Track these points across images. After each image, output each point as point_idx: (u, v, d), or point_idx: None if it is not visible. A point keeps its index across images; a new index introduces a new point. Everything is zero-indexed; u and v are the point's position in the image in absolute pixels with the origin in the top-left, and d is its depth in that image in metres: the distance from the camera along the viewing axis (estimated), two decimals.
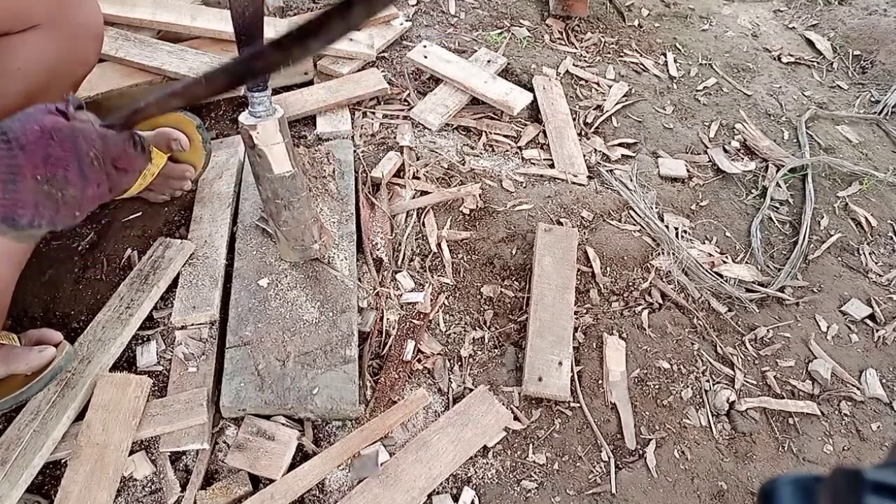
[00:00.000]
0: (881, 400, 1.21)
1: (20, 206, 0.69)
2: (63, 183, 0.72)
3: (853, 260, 1.46)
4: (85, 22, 1.02)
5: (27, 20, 0.95)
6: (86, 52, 1.04)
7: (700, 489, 1.06)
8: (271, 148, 0.95)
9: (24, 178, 0.69)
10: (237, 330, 1.08)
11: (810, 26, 2.17)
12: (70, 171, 0.73)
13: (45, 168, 0.70)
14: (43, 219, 0.71)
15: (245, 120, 0.93)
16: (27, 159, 0.69)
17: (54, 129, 0.72)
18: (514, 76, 1.70)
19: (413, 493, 0.96)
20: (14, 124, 0.70)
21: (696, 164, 1.61)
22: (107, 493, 0.91)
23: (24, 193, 0.69)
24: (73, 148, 0.73)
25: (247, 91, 0.92)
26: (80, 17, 1.01)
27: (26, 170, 0.69)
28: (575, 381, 1.13)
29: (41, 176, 0.70)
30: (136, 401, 0.98)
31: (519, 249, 1.31)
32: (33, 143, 0.70)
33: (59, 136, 0.72)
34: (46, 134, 0.71)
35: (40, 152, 0.70)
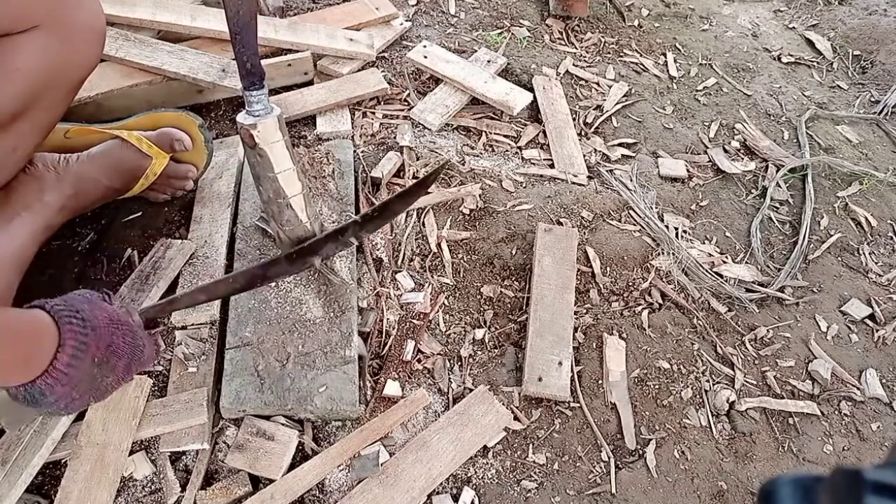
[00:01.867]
0: (881, 400, 1.21)
1: (63, 383, 0.69)
2: (110, 370, 0.75)
3: (853, 260, 1.46)
4: (86, 23, 1.01)
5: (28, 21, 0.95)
6: (87, 53, 1.04)
7: (700, 489, 1.06)
8: (272, 146, 0.95)
9: (87, 357, 0.71)
10: (237, 330, 1.08)
11: (810, 26, 2.17)
12: (121, 361, 0.77)
13: (106, 353, 0.73)
14: (65, 400, 0.72)
15: (244, 120, 0.93)
16: (96, 341, 0.72)
17: (119, 321, 0.77)
18: (514, 76, 1.70)
19: (413, 493, 0.96)
20: (83, 305, 0.73)
21: (696, 164, 1.61)
22: (107, 493, 0.91)
23: (77, 371, 0.70)
24: (132, 344, 0.78)
25: (244, 90, 0.92)
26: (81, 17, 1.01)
27: (91, 350, 0.71)
28: (575, 381, 1.13)
29: (98, 359, 0.73)
30: (136, 401, 0.98)
31: (519, 249, 1.31)
32: (103, 328, 0.73)
33: (122, 328, 0.77)
34: (114, 323, 0.75)
35: (107, 338, 0.74)
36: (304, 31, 1.56)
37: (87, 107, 1.34)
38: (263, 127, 0.93)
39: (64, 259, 1.20)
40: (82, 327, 0.71)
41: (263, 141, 0.94)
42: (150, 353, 0.83)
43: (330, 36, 1.58)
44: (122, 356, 0.76)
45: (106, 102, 1.36)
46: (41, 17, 0.96)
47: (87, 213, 1.25)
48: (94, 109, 1.35)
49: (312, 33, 1.56)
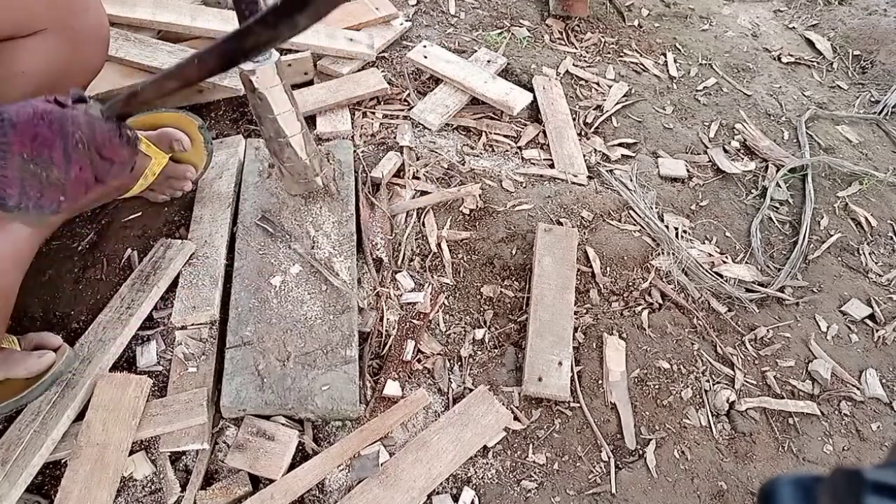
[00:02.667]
0: (881, 400, 1.21)
1: (7, 185, 0.72)
2: (48, 163, 0.75)
3: (853, 260, 1.46)
4: (90, 27, 1.02)
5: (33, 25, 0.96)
6: (91, 57, 1.05)
7: (700, 489, 1.06)
8: (270, 90, 1.00)
9: (13, 155, 0.72)
10: (237, 330, 1.08)
11: (810, 26, 2.17)
12: (54, 152, 0.76)
13: (32, 147, 0.74)
14: (30, 200, 0.74)
15: (244, 65, 0.97)
16: (17, 137, 0.73)
17: (45, 111, 0.76)
18: (514, 76, 1.70)
19: (413, 493, 0.96)
20: (11, 107, 0.74)
21: (696, 164, 1.61)
22: (107, 493, 0.91)
23: (11, 171, 0.72)
24: (59, 130, 0.76)
25: None
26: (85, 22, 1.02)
27: (14, 147, 0.73)
28: (575, 381, 1.13)
29: (27, 154, 0.73)
30: (136, 401, 0.98)
31: (519, 249, 1.31)
32: (24, 123, 0.73)
33: (48, 118, 0.76)
34: (38, 116, 0.75)
35: (29, 132, 0.74)
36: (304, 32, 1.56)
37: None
38: (262, 72, 0.97)
39: (64, 259, 1.20)
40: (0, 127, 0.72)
41: (262, 85, 0.99)
42: (102, 137, 0.81)
43: (330, 36, 1.58)
44: (52, 146, 0.76)
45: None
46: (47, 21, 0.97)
47: (86, 213, 1.25)
48: None
49: (312, 33, 1.56)
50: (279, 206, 1.23)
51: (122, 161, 0.86)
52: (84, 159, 0.79)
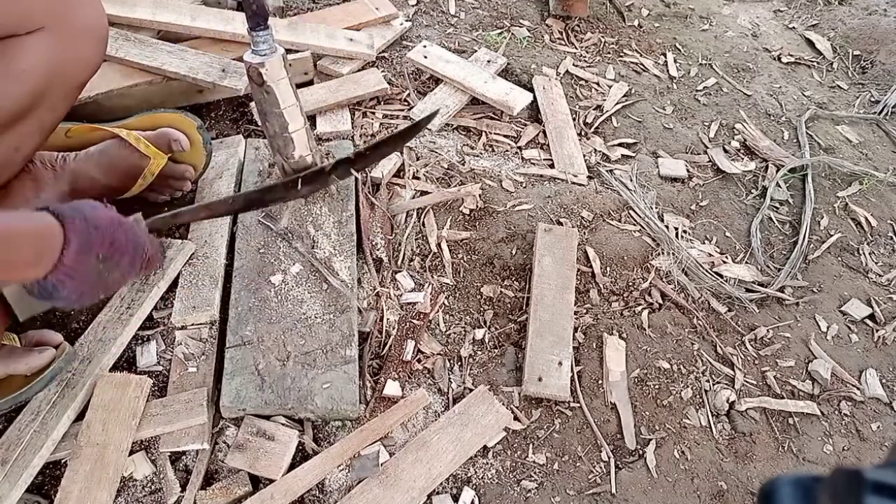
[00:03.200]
0: (881, 400, 1.21)
1: (72, 277, 0.75)
2: (114, 266, 0.81)
3: (853, 260, 1.46)
4: (89, 25, 1.03)
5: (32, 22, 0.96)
6: (89, 55, 1.05)
7: (700, 489, 1.06)
8: (278, 83, 1.01)
9: (91, 252, 0.77)
10: (237, 329, 1.08)
11: (810, 26, 2.17)
12: (125, 257, 0.82)
13: (109, 249, 0.79)
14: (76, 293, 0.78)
15: (251, 59, 0.99)
16: (99, 238, 0.77)
17: (121, 221, 0.83)
18: (514, 76, 1.70)
19: (413, 493, 0.96)
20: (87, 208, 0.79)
21: (696, 164, 1.61)
22: (106, 493, 0.91)
23: (83, 266, 0.76)
24: (134, 241, 0.83)
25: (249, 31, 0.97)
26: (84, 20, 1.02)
27: (95, 246, 0.77)
28: (575, 381, 1.13)
29: (102, 255, 0.78)
30: (136, 401, 0.98)
31: (519, 249, 1.31)
32: (105, 227, 0.79)
33: (124, 227, 0.82)
34: (116, 223, 0.81)
35: (109, 235, 0.79)
36: (303, 31, 1.56)
37: (87, 107, 1.34)
38: (270, 65, 0.98)
39: None
40: (85, 225, 0.76)
41: (270, 78, 1.00)
42: (154, 253, 0.89)
43: (330, 36, 1.58)
44: (125, 252, 0.81)
45: (106, 102, 1.36)
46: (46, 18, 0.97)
47: None
48: (93, 109, 1.35)
49: (312, 33, 1.56)
50: (279, 205, 1.23)
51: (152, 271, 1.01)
52: (139, 269, 0.86)
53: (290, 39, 1.52)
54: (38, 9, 0.96)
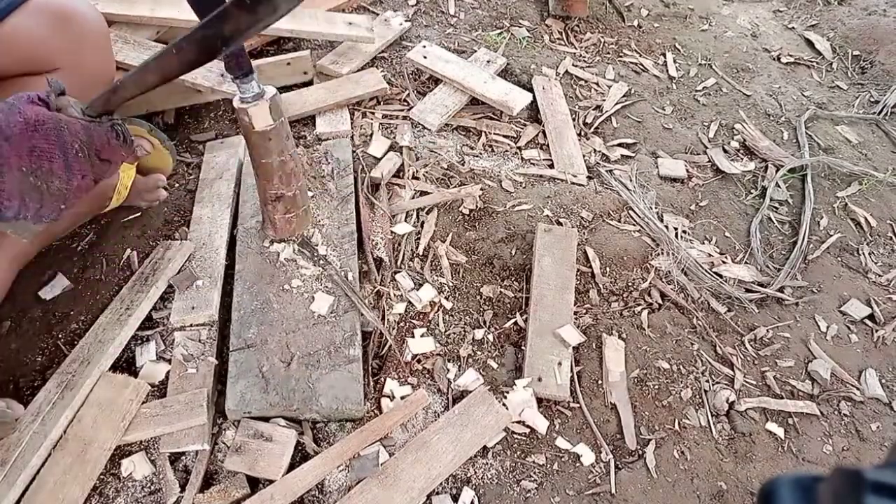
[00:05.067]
0: (881, 400, 1.21)
1: (6, 198, 0.70)
2: (48, 175, 0.73)
3: (853, 260, 1.46)
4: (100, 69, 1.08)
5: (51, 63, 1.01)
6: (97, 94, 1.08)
7: (700, 489, 1.06)
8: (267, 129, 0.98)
9: (10, 169, 0.70)
10: (240, 332, 1.08)
11: (810, 26, 2.17)
12: (55, 163, 0.73)
13: (31, 160, 0.71)
14: (29, 211, 0.72)
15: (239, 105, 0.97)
16: (12, 151, 0.70)
17: (38, 121, 0.72)
18: (513, 76, 1.70)
19: (412, 493, 0.96)
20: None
21: (696, 165, 1.61)
22: (80, 490, 0.90)
23: (9, 185, 0.70)
24: (57, 140, 0.73)
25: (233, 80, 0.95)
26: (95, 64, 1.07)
27: (12, 161, 0.70)
28: (574, 381, 1.13)
29: (27, 168, 0.71)
30: (130, 404, 0.98)
31: (518, 249, 1.31)
32: (18, 136, 0.70)
33: (43, 129, 0.72)
34: (31, 126, 0.71)
35: (25, 144, 0.71)
36: (302, 18, 1.56)
37: None
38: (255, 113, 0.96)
39: (64, 259, 1.20)
40: None
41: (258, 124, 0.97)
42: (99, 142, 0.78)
43: (329, 21, 1.57)
44: (52, 157, 0.73)
45: None
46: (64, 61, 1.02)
47: None
48: None
49: (311, 19, 1.56)
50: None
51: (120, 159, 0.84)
52: (85, 166, 0.77)
53: (290, 27, 1.52)
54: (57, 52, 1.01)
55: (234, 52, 0.91)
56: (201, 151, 1.39)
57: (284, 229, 1.16)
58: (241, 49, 0.91)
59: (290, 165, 1.06)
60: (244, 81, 0.94)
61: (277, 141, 1.01)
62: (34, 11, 1.00)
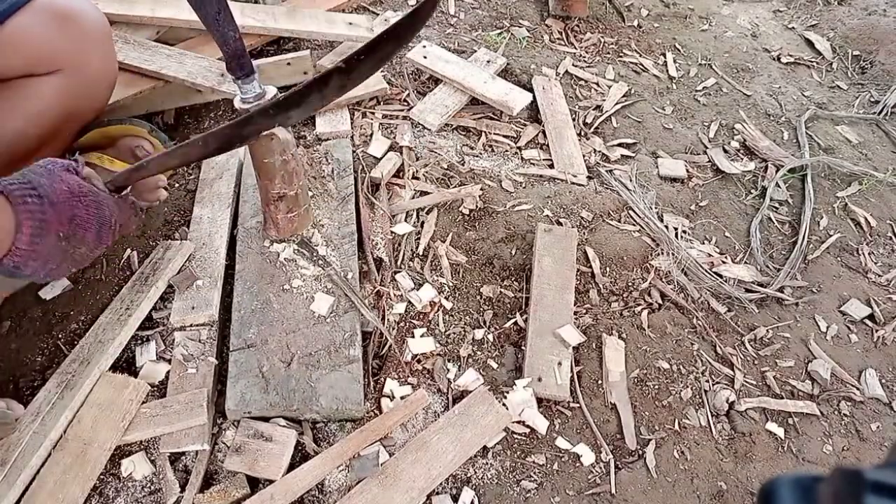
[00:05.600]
0: (881, 400, 1.21)
1: (33, 259, 0.71)
2: (79, 242, 0.76)
3: (852, 260, 1.46)
4: (103, 70, 1.08)
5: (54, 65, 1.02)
6: (99, 97, 1.10)
7: (700, 489, 1.06)
8: None
9: (49, 234, 0.72)
10: (240, 332, 1.08)
11: (810, 26, 2.17)
12: (89, 233, 0.77)
13: (69, 227, 0.74)
14: (44, 271, 0.74)
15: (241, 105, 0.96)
16: (55, 216, 0.72)
17: (81, 192, 0.76)
18: (513, 76, 1.70)
19: (412, 493, 0.96)
20: (42, 180, 0.73)
21: (696, 165, 1.61)
22: (80, 490, 0.91)
23: (43, 247, 0.72)
24: (97, 212, 0.77)
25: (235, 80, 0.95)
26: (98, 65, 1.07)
27: (52, 226, 0.72)
28: (574, 381, 1.13)
29: (63, 233, 0.73)
30: (130, 404, 0.98)
31: (518, 249, 1.31)
32: (63, 203, 0.73)
33: (84, 200, 0.76)
34: (75, 196, 0.75)
35: (68, 212, 0.73)
36: (302, 18, 1.56)
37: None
38: None
39: None
40: (39, 205, 0.71)
41: None
42: (123, 217, 0.83)
43: (329, 21, 1.58)
44: (88, 227, 0.76)
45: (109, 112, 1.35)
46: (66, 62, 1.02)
47: None
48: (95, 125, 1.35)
49: (311, 19, 1.56)
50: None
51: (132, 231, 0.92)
52: (110, 238, 0.81)
53: (290, 27, 1.52)
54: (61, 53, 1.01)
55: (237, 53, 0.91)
56: None
57: (287, 229, 1.16)
58: (242, 50, 0.91)
59: (291, 164, 1.06)
60: (245, 82, 0.94)
61: (279, 141, 1.00)
62: (37, 12, 1.00)
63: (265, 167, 1.04)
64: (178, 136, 1.45)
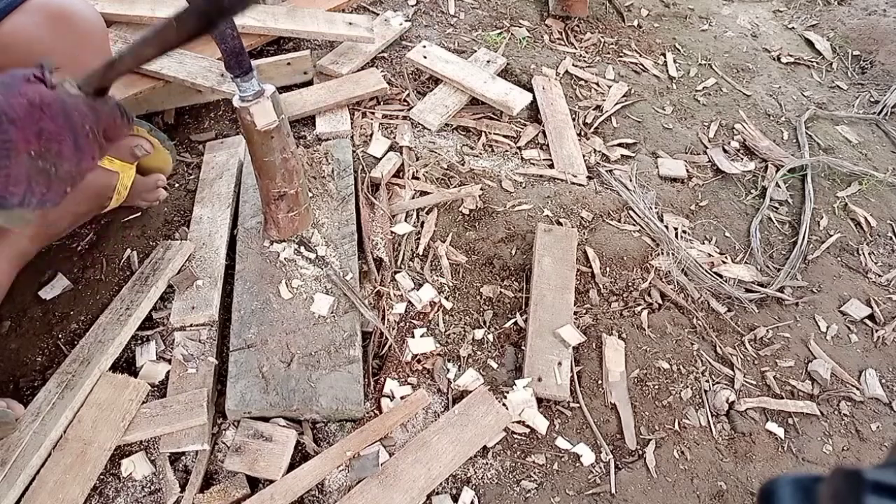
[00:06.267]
0: (881, 400, 1.21)
1: (12, 184, 0.65)
2: (57, 157, 0.69)
3: (852, 260, 1.46)
4: None
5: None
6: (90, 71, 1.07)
7: (700, 489, 1.06)
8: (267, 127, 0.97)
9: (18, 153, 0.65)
10: (241, 333, 1.08)
11: (810, 26, 2.17)
12: (65, 146, 0.70)
13: (39, 143, 0.67)
14: (34, 196, 0.68)
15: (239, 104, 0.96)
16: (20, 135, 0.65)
17: (43, 101, 0.69)
18: (513, 76, 1.70)
19: (412, 493, 0.96)
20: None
21: (696, 165, 1.61)
22: (80, 490, 0.91)
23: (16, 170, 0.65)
24: (66, 122, 0.70)
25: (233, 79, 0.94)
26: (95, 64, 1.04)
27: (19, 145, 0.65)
28: (574, 381, 1.13)
29: (35, 151, 0.67)
30: (130, 404, 0.98)
31: (518, 249, 1.31)
32: (25, 118, 0.66)
33: (50, 110, 0.69)
34: (36, 107, 0.68)
35: (33, 127, 0.67)
36: (302, 18, 1.56)
37: None
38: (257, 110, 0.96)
39: (63, 259, 1.20)
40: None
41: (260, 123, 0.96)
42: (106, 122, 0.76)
43: (329, 21, 1.57)
44: (62, 139, 0.69)
45: None
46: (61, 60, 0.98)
47: None
48: None
49: (311, 19, 1.56)
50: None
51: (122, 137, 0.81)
52: (94, 147, 0.74)
53: (290, 27, 1.52)
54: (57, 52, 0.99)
55: (235, 51, 0.90)
56: (201, 151, 1.39)
57: (287, 228, 1.16)
58: (241, 48, 0.91)
59: (291, 163, 1.06)
60: (244, 80, 0.94)
61: (279, 139, 1.00)
62: (32, 11, 0.99)
63: (266, 166, 1.04)
64: (178, 136, 1.45)
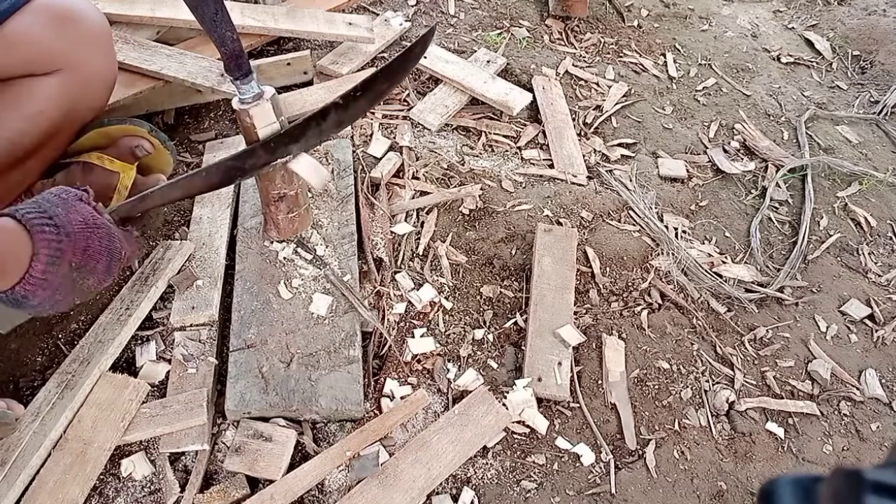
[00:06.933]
0: (881, 400, 1.21)
1: (43, 288, 0.71)
2: (89, 273, 0.76)
3: (852, 260, 1.46)
4: (101, 71, 1.08)
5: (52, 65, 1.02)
6: (98, 97, 1.10)
7: (700, 489, 1.06)
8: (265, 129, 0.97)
9: (63, 263, 0.72)
10: (240, 333, 1.08)
11: (810, 26, 2.17)
12: (100, 264, 0.77)
13: (83, 258, 0.74)
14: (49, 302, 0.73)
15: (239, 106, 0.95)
16: (70, 246, 0.72)
17: (95, 224, 0.77)
18: (513, 76, 1.70)
19: (412, 493, 0.96)
20: (57, 210, 0.73)
21: (696, 165, 1.61)
22: (79, 490, 0.90)
23: (55, 277, 0.71)
24: (108, 244, 0.78)
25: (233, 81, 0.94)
26: (97, 64, 1.07)
27: (67, 256, 0.72)
28: (574, 381, 1.13)
29: (75, 263, 0.73)
30: (130, 404, 0.98)
31: (518, 249, 1.31)
32: (78, 233, 0.73)
33: (98, 232, 0.76)
34: (89, 227, 0.75)
35: (82, 243, 0.74)
36: (302, 18, 1.56)
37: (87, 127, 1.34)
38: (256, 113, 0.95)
39: None
40: (56, 234, 0.71)
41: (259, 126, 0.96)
42: (129, 251, 0.84)
43: (329, 21, 1.57)
44: (100, 259, 0.77)
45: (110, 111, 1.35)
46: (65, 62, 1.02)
47: None
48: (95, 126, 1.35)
49: (311, 19, 1.56)
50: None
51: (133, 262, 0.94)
52: (117, 270, 0.82)
53: (290, 27, 1.52)
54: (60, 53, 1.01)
55: (234, 54, 0.91)
56: (201, 151, 1.39)
57: (287, 229, 1.16)
58: (240, 50, 0.91)
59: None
60: (244, 82, 0.93)
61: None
62: (36, 12, 1.00)
63: None
64: (178, 137, 1.46)
